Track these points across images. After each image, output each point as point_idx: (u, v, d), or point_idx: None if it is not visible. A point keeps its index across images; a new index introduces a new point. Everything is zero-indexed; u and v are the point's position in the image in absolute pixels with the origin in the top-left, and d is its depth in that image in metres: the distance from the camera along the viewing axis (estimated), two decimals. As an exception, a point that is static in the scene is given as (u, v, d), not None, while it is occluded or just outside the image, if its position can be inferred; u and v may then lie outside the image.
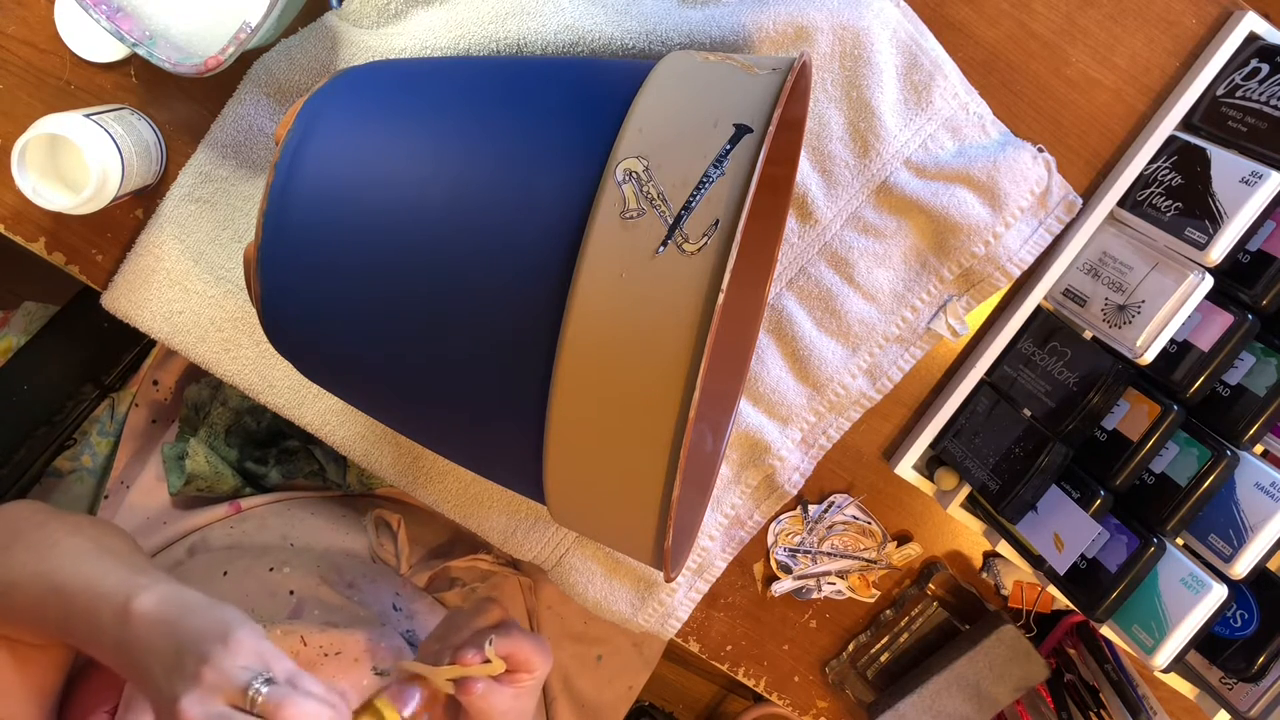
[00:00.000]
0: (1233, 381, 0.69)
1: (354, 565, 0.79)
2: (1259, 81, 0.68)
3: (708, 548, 0.79)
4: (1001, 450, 0.74)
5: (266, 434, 0.89)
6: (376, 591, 0.77)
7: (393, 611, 0.76)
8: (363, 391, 0.57)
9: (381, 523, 0.85)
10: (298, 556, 0.77)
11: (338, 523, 0.84)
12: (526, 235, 0.47)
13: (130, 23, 0.62)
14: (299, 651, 0.64)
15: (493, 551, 0.91)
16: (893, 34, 0.71)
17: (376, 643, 0.67)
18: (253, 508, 0.84)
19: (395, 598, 0.78)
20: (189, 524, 0.82)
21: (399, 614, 0.76)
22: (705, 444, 0.72)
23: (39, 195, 0.64)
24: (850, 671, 0.85)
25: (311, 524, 0.83)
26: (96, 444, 0.87)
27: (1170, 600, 0.68)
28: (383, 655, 0.66)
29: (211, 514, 0.82)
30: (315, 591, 0.73)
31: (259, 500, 0.84)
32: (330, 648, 0.65)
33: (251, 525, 0.82)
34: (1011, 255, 0.74)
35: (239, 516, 0.83)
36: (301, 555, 0.78)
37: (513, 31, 0.67)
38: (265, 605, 0.70)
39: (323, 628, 0.66)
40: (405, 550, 0.84)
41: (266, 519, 0.82)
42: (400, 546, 0.84)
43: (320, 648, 0.65)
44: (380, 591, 0.77)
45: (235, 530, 0.81)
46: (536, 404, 0.47)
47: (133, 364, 0.88)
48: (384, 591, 0.77)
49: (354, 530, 0.84)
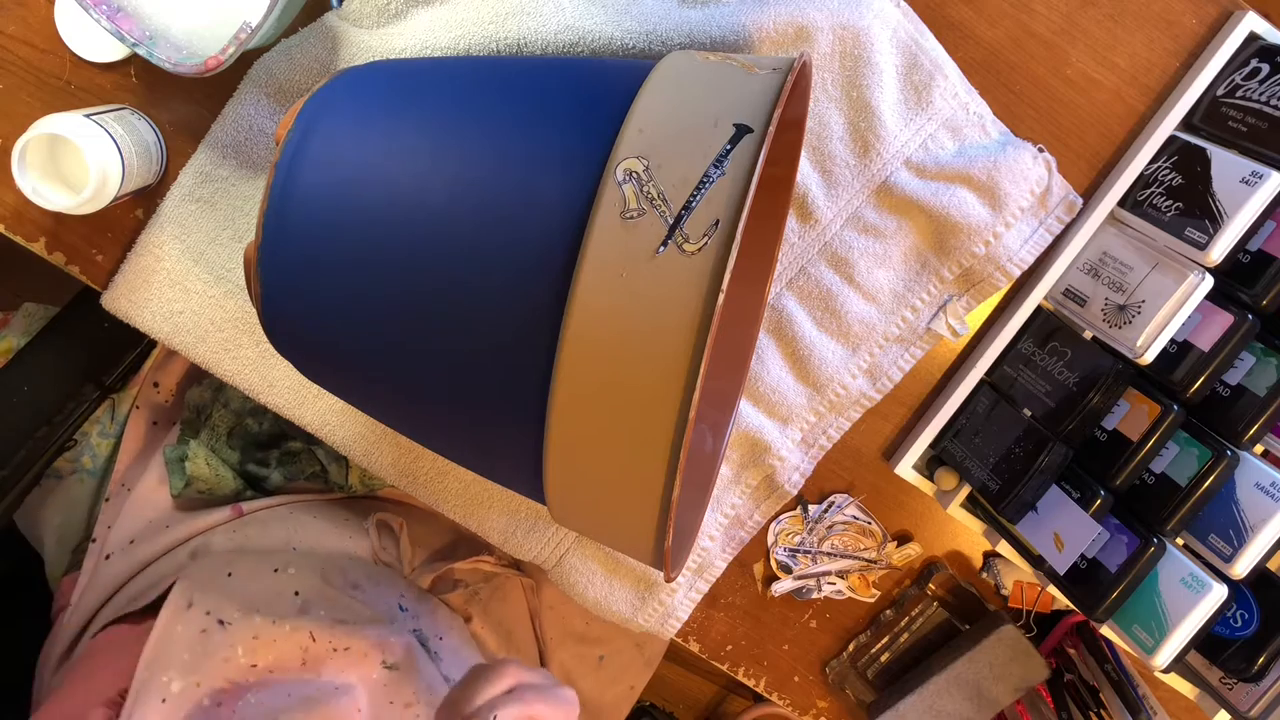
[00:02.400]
0: (1233, 381, 0.69)
1: (357, 567, 0.79)
2: (1259, 81, 0.68)
3: (708, 548, 0.79)
4: (1001, 450, 0.74)
5: (268, 436, 0.89)
6: (381, 593, 0.77)
7: (399, 612, 0.76)
8: (363, 391, 0.57)
9: (384, 526, 0.85)
10: (301, 559, 0.77)
11: (341, 526, 0.84)
12: (527, 235, 0.47)
13: (130, 23, 0.62)
14: (308, 647, 0.64)
15: (495, 553, 0.91)
16: (893, 34, 0.71)
17: (385, 638, 0.67)
18: (254, 511, 0.84)
19: (400, 598, 0.78)
20: (191, 528, 0.82)
21: (405, 614, 0.76)
22: (705, 444, 0.72)
23: (39, 195, 0.64)
24: (850, 671, 0.85)
25: (314, 527, 0.83)
26: (97, 445, 0.87)
27: (1170, 600, 0.68)
28: (392, 650, 0.66)
29: (213, 518, 0.82)
30: (320, 592, 0.73)
31: (260, 504, 0.84)
32: (339, 643, 0.65)
33: (254, 529, 0.82)
34: (1012, 255, 0.74)
35: (241, 520, 0.83)
36: (305, 558, 0.78)
37: (513, 31, 0.67)
38: (272, 605, 0.70)
39: (331, 625, 0.66)
40: (408, 553, 0.84)
41: (269, 523, 0.82)
42: (403, 549, 0.84)
43: (330, 643, 0.65)
44: (385, 593, 0.77)
45: (238, 534, 0.81)
46: (537, 403, 0.47)
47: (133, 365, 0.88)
48: (388, 593, 0.77)
49: (356, 534, 0.84)
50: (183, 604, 0.63)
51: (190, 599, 0.64)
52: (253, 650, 0.62)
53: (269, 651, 0.63)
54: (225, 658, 0.61)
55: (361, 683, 0.64)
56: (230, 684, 0.60)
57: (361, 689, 0.63)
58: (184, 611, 0.63)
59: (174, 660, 0.60)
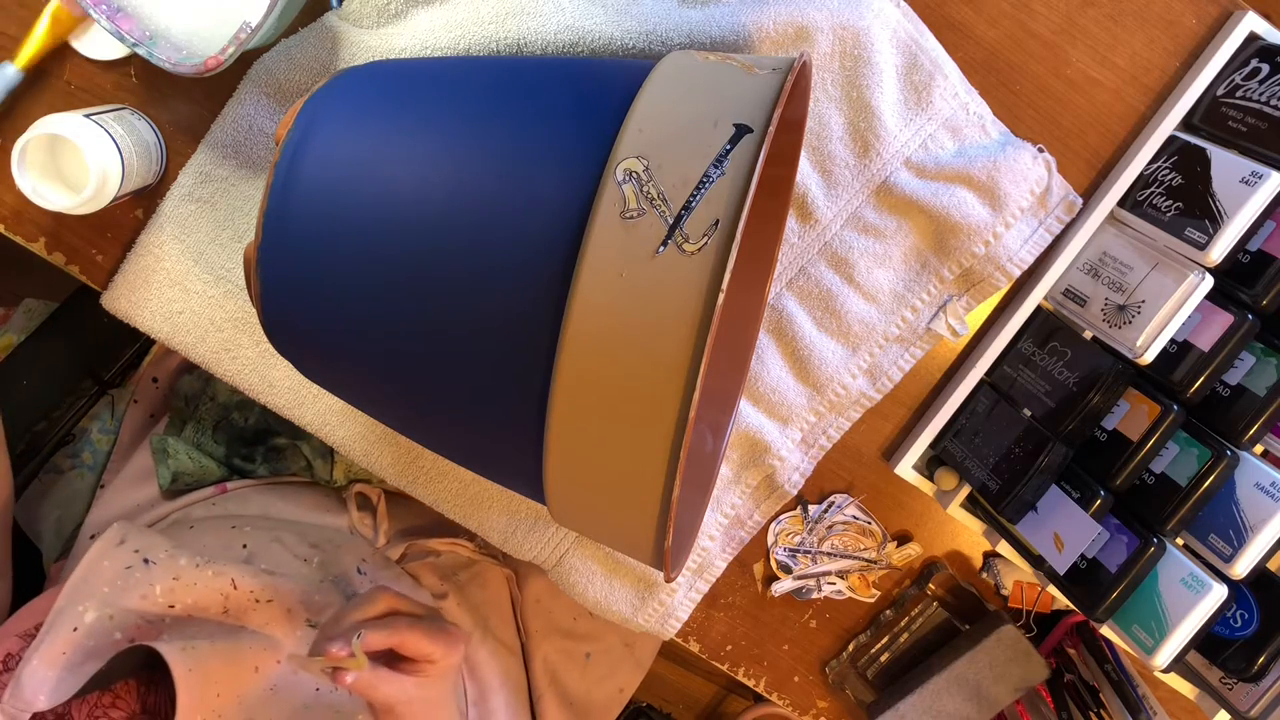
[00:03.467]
0: (1233, 381, 0.69)
1: (322, 533, 0.79)
2: (1259, 81, 0.68)
3: (708, 548, 0.79)
4: (1001, 450, 0.74)
5: (254, 432, 0.89)
6: (340, 555, 0.76)
7: (356, 574, 0.75)
8: (363, 392, 0.57)
9: (363, 498, 0.85)
10: (265, 521, 0.77)
11: (321, 502, 0.84)
12: (527, 235, 0.47)
13: (130, 23, 0.62)
14: (228, 594, 0.63)
15: (475, 539, 0.91)
16: (893, 34, 0.71)
17: (311, 595, 0.66)
18: (239, 488, 0.84)
19: (361, 563, 0.77)
20: (176, 504, 0.82)
21: (362, 577, 0.75)
22: (705, 444, 0.72)
23: (39, 195, 0.64)
24: (850, 671, 0.85)
25: (294, 500, 0.83)
26: (96, 441, 0.87)
27: (1170, 600, 0.68)
28: (317, 609, 0.66)
29: (198, 495, 0.83)
30: (266, 548, 0.71)
31: (245, 482, 0.85)
32: (262, 595, 0.64)
33: (234, 504, 0.82)
34: (1011, 255, 0.74)
35: (224, 495, 0.83)
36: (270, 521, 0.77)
37: (513, 31, 0.67)
38: (209, 553, 0.68)
39: (256, 573, 0.65)
40: (385, 523, 0.84)
41: (250, 496, 0.83)
42: (380, 520, 0.84)
43: (251, 593, 0.63)
44: (344, 555, 0.76)
45: (217, 507, 0.81)
46: (537, 404, 0.47)
47: (132, 361, 0.88)
48: (348, 555, 0.77)
49: (336, 507, 0.84)
50: (115, 539, 0.63)
51: (124, 536, 0.63)
52: (170, 590, 0.61)
53: (188, 594, 0.62)
54: (143, 594, 0.61)
55: (286, 638, 0.63)
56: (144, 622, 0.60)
57: (286, 644, 0.63)
58: (114, 547, 0.62)
59: (93, 592, 0.60)
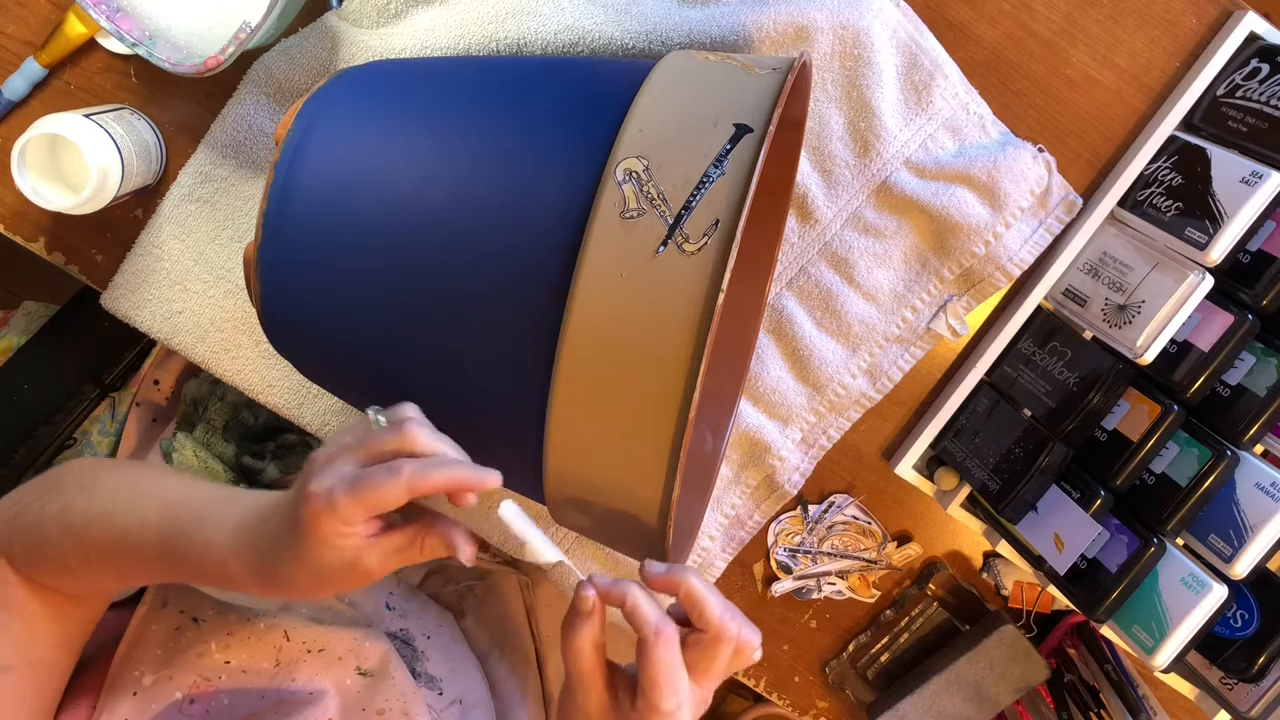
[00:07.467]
0: (1233, 381, 0.69)
1: None
2: (1259, 81, 0.68)
3: (708, 548, 0.79)
4: (1001, 450, 0.74)
5: (264, 428, 0.89)
6: (368, 591, 0.77)
7: (385, 611, 0.75)
8: (363, 392, 0.57)
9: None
10: None
11: None
12: (527, 235, 0.47)
13: (130, 23, 0.62)
14: (281, 646, 0.63)
15: (490, 549, 0.91)
16: (893, 34, 0.71)
17: (361, 642, 0.66)
18: None
19: (389, 596, 0.77)
20: None
21: (392, 612, 0.76)
22: (705, 444, 0.72)
23: (39, 195, 0.64)
24: (850, 671, 0.85)
25: None
26: (97, 443, 0.87)
27: (1170, 600, 0.68)
28: (367, 656, 0.66)
29: None
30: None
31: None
32: (314, 644, 0.64)
33: None
34: (1012, 255, 0.74)
35: None
36: None
37: (513, 31, 0.67)
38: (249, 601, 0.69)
39: (307, 624, 0.66)
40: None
41: None
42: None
43: (304, 644, 0.64)
44: (373, 591, 0.77)
45: None
46: (537, 403, 0.47)
47: (133, 364, 0.88)
48: (377, 591, 0.77)
49: None
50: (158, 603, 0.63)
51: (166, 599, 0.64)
52: (226, 646, 0.62)
53: (243, 649, 0.62)
54: (199, 653, 0.61)
55: (335, 688, 0.64)
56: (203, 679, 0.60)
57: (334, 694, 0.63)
58: (158, 610, 0.63)
59: (146, 656, 0.60)
